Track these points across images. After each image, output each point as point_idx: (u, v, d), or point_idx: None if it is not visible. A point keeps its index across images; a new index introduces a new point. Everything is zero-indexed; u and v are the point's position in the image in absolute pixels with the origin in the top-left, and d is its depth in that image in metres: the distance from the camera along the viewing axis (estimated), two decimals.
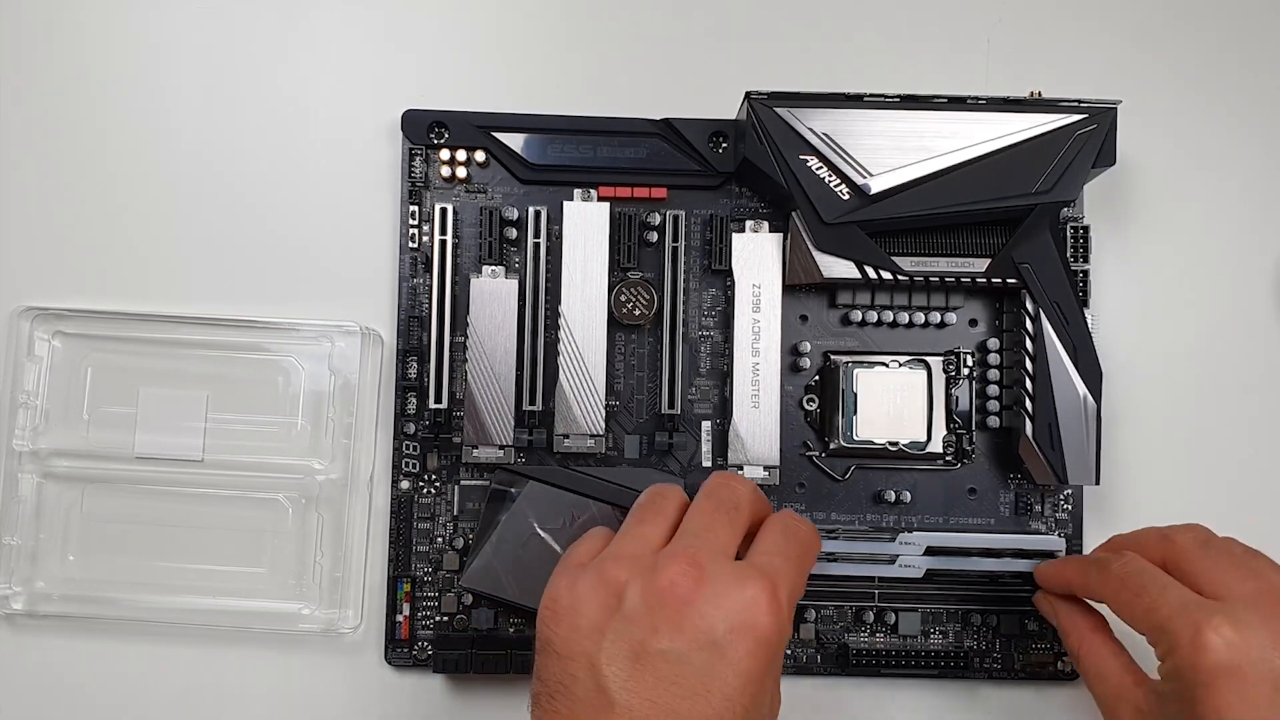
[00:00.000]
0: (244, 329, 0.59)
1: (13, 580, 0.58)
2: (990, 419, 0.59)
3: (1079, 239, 0.60)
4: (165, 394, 0.59)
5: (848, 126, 0.56)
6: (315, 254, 0.60)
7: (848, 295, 0.60)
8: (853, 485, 0.60)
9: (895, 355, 0.59)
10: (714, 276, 0.60)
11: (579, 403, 0.57)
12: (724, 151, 0.59)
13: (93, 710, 0.59)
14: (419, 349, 0.59)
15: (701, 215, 0.60)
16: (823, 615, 0.59)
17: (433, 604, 0.58)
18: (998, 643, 0.59)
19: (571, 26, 0.62)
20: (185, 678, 0.59)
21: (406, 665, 0.59)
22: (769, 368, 0.58)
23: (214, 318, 0.59)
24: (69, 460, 0.58)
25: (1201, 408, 0.61)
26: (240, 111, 0.61)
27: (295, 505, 0.59)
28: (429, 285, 0.59)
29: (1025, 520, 0.60)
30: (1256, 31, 0.63)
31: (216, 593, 0.58)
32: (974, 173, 0.56)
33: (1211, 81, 0.62)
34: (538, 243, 0.58)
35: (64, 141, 0.60)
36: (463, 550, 0.59)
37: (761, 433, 0.58)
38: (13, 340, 0.58)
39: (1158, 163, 0.62)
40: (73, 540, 0.58)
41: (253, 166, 0.61)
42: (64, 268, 0.60)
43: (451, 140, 0.59)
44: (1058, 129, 0.56)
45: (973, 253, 0.57)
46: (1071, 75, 0.62)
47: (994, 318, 0.60)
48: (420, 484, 0.59)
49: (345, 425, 0.58)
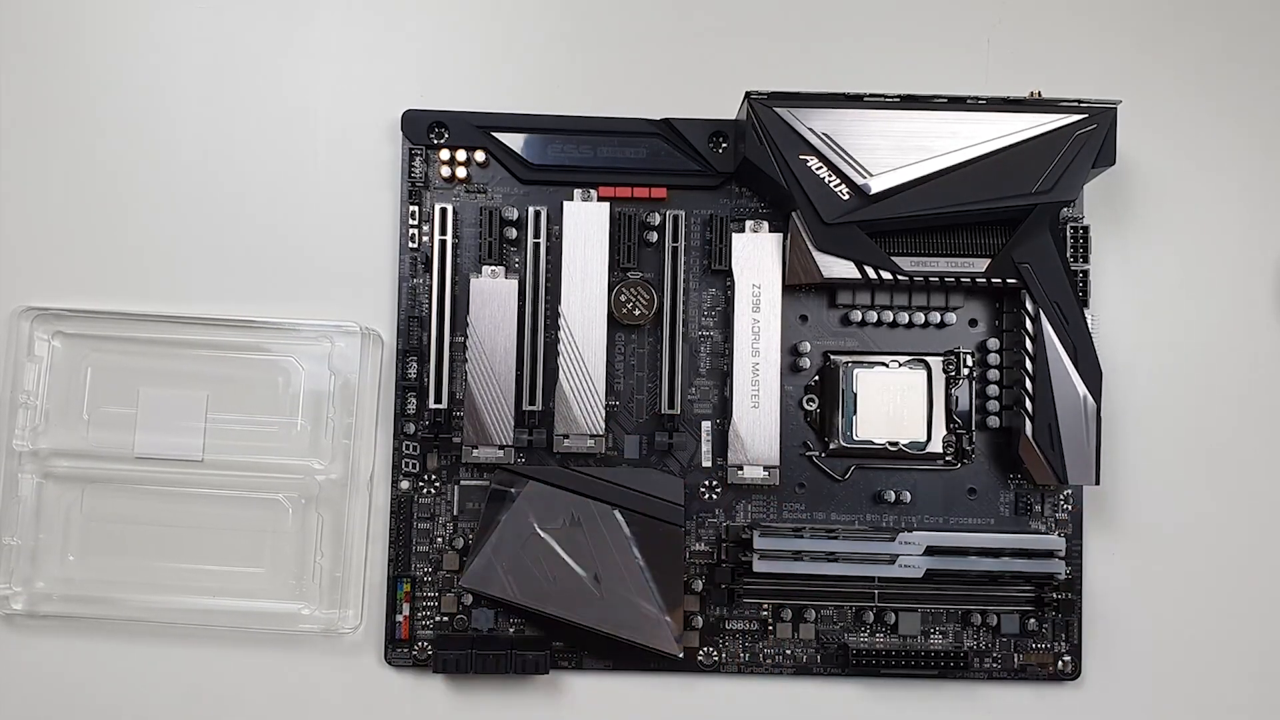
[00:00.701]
0: (244, 329, 0.59)
1: (13, 580, 0.58)
2: (990, 419, 0.59)
3: (1079, 239, 0.60)
4: (165, 394, 0.59)
5: (848, 126, 0.56)
6: (315, 254, 0.60)
7: (848, 295, 0.60)
8: (853, 485, 0.60)
9: (895, 355, 0.59)
10: (714, 276, 0.60)
11: (579, 403, 0.57)
12: (724, 151, 0.59)
13: (92, 710, 0.59)
14: (419, 349, 0.59)
15: (701, 215, 0.60)
16: (823, 615, 0.59)
17: (433, 604, 0.58)
18: (998, 643, 0.59)
19: (571, 26, 0.62)
20: (185, 678, 0.59)
21: (406, 665, 0.59)
22: (769, 368, 0.58)
23: (214, 318, 0.59)
24: (69, 460, 0.58)
25: (1201, 407, 0.61)
26: (240, 111, 0.61)
27: (295, 505, 0.59)
28: (429, 285, 0.59)
29: (1025, 520, 0.60)
30: (1256, 32, 0.63)
31: (216, 593, 0.58)
32: (974, 173, 0.56)
33: (1211, 81, 0.62)
34: (538, 243, 0.58)
35: (64, 141, 0.60)
36: (463, 550, 0.59)
37: (761, 433, 0.58)
38: (13, 340, 0.58)
39: (1158, 163, 0.62)
40: (73, 540, 0.58)
41: (253, 166, 0.61)
42: (64, 268, 0.60)
43: (451, 140, 0.59)
44: (1058, 129, 0.56)
45: (973, 253, 0.57)
46: (1071, 75, 0.62)
47: (994, 318, 0.60)
48: (420, 484, 0.59)
49: (345, 425, 0.58)
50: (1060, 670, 0.59)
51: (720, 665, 0.59)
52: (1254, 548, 0.61)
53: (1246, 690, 0.60)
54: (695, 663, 0.59)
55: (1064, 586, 0.59)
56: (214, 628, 0.58)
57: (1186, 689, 0.60)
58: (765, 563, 0.57)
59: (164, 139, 0.60)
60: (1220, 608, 0.60)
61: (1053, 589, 0.58)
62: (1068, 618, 0.59)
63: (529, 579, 0.57)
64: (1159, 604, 0.60)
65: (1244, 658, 0.60)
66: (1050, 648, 0.59)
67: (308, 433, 0.59)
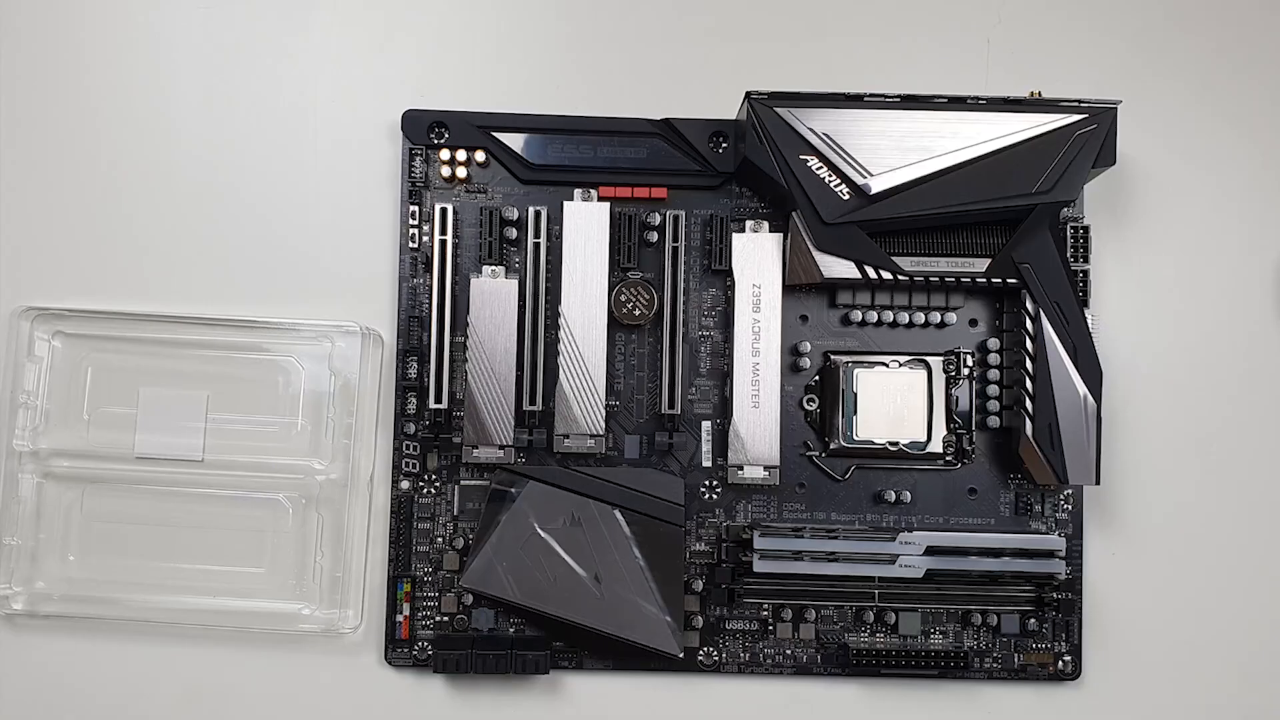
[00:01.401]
0: (244, 329, 0.59)
1: (13, 580, 0.58)
2: (990, 419, 0.59)
3: (1079, 239, 0.60)
4: (165, 394, 0.59)
5: (848, 126, 0.56)
6: (315, 254, 0.60)
7: (848, 295, 0.60)
8: (853, 485, 0.60)
9: (895, 355, 0.59)
10: (714, 276, 0.60)
11: (579, 403, 0.57)
12: (724, 151, 0.59)
13: (93, 710, 0.59)
14: (419, 349, 0.59)
15: (701, 215, 0.60)
16: (823, 615, 0.59)
17: (433, 604, 0.59)
18: (998, 643, 0.59)
19: (571, 26, 0.62)
20: (185, 678, 0.59)
21: (406, 665, 0.59)
22: (769, 368, 0.58)
23: (214, 318, 0.59)
24: (69, 460, 0.58)
25: (1201, 408, 0.61)
26: (240, 111, 0.61)
27: (295, 505, 0.59)
28: (429, 285, 0.59)
29: (1025, 520, 0.60)
30: (1256, 32, 0.63)
31: (216, 593, 0.58)
32: (974, 173, 0.56)
33: (1211, 81, 0.62)
34: (538, 243, 0.58)
35: (64, 141, 0.60)
36: (463, 550, 0.59)
37: (761, 433, 0.58)
38: (13, 340, 0.58)
39: (1158, 163, 0.62)
40: (73, 540, 0.58)
41: (253, 166, 0.61)
42: (64, 268, 0.60)
43: (451, 140, 0.59)
44: (1058, 129, 0.56)
45: (973, 253, 0.57)
46: (1071, 75, 0.62)
47: (994, 318, 0.60)
48: (420, 484, 0.59)
49: (345, 425, 0.58)
50: (1060, 670, 0.59)
51: (720, 665, 0.59)
52: (1254, 547, 0.61)
53: (1246, 690, 0.60)
54: (695, 663, 0.59)
55: (1064, 586, 0.59)
56: (214, 628, 0.58)
57: (1186, 689, 0.60)
58: (765, 563, 0.57)
59: (164, 138, 0.60)
60: (1220, 607, 0.60)
61: (1053, 589, 0.58)
62: (1068, 618, 0.59)
63: (529, 579, 0.57)
64: (1159, 604, 0.60)
65: (1244, 657, 0.60)
66: (1050, 648, 0.59)
67: (308, 433, 0.59)
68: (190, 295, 0.60)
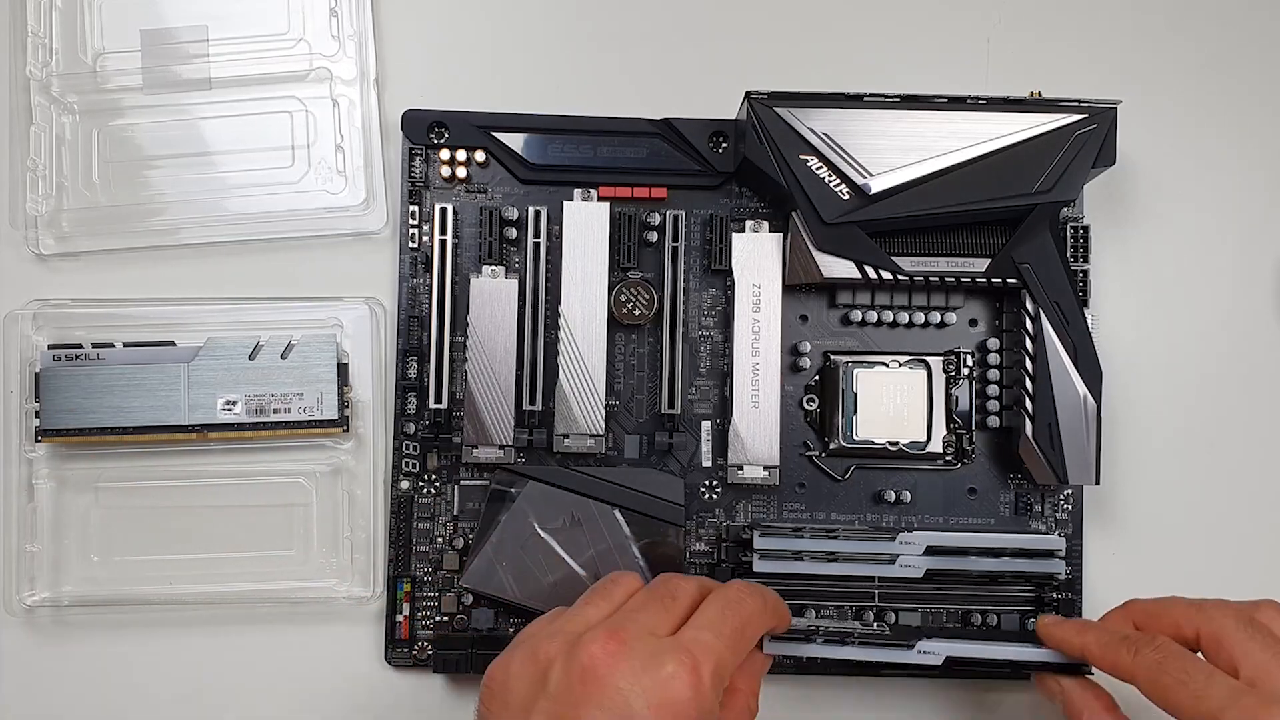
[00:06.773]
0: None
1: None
2: (990, 419, 0.59)
3: (1079, 239, 0.60)
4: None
5: (848, 126, 0.56)
6: (316, 254, 0.60)
7: (848, 295, 0.60)
8: (853, 485, 0.60)
9: (895, 355, 0.59)
10: (714, 276, 0.60)
11: (579, 403, 0.57)
12: (724, 151, 0.59)
13: (92, 710, 0.59)
14: (419, 349, 0.59)
15: (701, 215, 0.60)
16: (823, 615, 0.59)
17: (433, 604, 0.58)
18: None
19: (571, 26, 0.62)
20: (185, 678, 0.59)
21: (406, 665, 0.59)
22: (769, 368, 0.58)
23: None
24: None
25: (1201, 407, 0.61)
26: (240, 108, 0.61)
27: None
28: (429, 285, 0.59)
29: (1025, 520, 0.60)
30: (1256, 32, 0.63)
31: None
32: (974, 173, 0.56)
33: (1211, 81, 0.62)
34: (538, 243, 0.58)
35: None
36: (463, 550, 0.59)
37: (761, 433, 0.58)
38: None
39: (1158, 163, 0.62)
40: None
41: (253, 166, 0.60)
42: (65, 268, 0.60)
43: (451, 140, 0.59)
44: (1058, 129, 0.56)
45: (973, 253, 0.57)
46: (1071, 75, 0.62)
47: (994, 318, 0.60)
48: (420, 484, 0.59)
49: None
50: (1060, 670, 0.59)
51: None
52: (1253, 547, 0.61)
53: None
54: None
55: (1064, 586, 0.59)
56: (214, 629, 0.58)
57: None
58: (765, 563, 0.57)
59: (164, 138, 0.60)
60: None
61: (1053, 589, 0.58)
62: (1068, 618, 0.59)
63: (529, 579, 0.57)
64: None
65: None
66: None
67: None
68: (190, 295, 0.60)
